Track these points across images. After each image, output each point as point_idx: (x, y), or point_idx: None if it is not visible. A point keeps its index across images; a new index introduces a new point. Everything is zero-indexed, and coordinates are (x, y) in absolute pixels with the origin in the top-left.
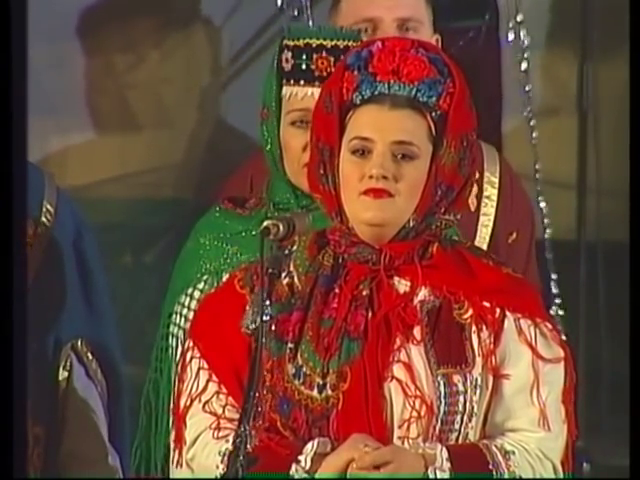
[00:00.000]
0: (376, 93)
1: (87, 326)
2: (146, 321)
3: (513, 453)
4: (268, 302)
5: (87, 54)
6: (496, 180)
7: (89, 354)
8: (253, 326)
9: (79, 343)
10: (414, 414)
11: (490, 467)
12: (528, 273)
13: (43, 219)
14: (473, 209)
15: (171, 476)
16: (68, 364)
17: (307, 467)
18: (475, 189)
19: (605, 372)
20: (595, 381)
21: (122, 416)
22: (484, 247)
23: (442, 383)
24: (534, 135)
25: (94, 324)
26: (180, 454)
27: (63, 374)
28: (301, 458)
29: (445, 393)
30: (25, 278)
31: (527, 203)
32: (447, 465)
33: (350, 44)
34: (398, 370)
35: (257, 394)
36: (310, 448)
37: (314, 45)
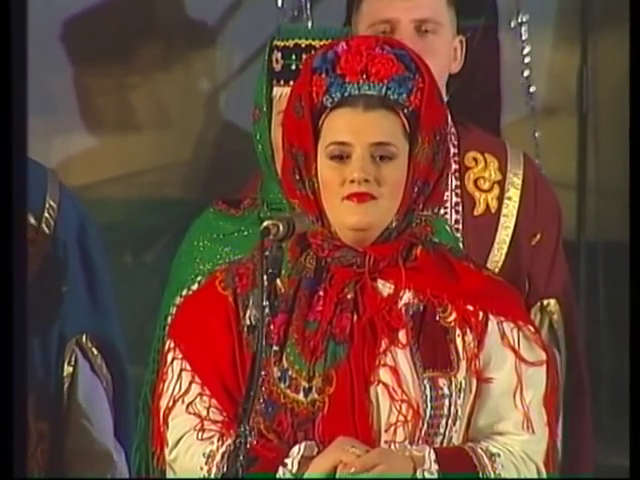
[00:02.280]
0: (346, 95)
1: (92, 321)
2: (146, 321)
3: (498, 455)
4: (267, 302)
5: (87, 55)
6: (519, 181)
7: (94, 349)
8: (254, 325)
9: (84, 338)
10: (400, 418)
11: (477, 469)
12: (554, 275)
13: (46, 215)
14: (494, 211)
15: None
16: (73, 359)
17: (294, 470)
18: (496, 191)
19: (605, 372)
20: (595, 381)
21: (128, 411)
22: (504, 248)
23: (428, 387)
24: (535, 135)
25: (99, 319)
26: (159, 455)
27: (68, 369)
28: (288, 461)
29: (431, 397)
30: (25, 276)
31: (554, 205)
32: (435, 467)
33: None
34: (384, 374)
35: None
36: (297, 451)
37: (303, 45)
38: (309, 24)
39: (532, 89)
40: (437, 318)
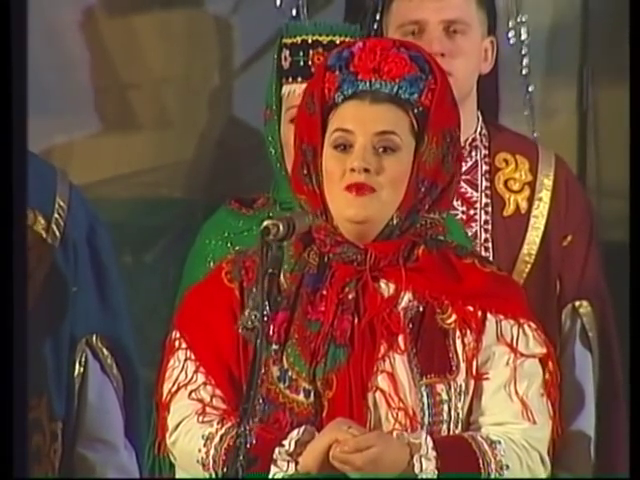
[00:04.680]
0: (357, 91)
1: (102, 321)
2: (146, 321)
3: (499, 443)
4: (267, 303)
5: (88, 53)
6: (550, 182)
7: (104, 349)
8: (250, 325)
9: (94, 338)
10: (397, 426)
11: (477, 455)
12: (586, 276)
13: (56, 216)
14: (523, 212)
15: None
16: (83, 360)
17: (290, 450)
18: (527, 192)
19: None
20: None
21: (139, 411)
22: (534, 249)
23: (425, 394)
24: (534, 135)
25: (109, 319)
26: (161, 442)
27: (79, 370)
28: (285, 442)
29: (428, 404)
30: (25, 276)
31: (585, 206)
32: (433, 453)
33: (347, 39)
34: (382, 381)
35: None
36: (295, 434)
37: (310, 41)
38: (306, 23)
39: (531, 89)
40: (437, 320)
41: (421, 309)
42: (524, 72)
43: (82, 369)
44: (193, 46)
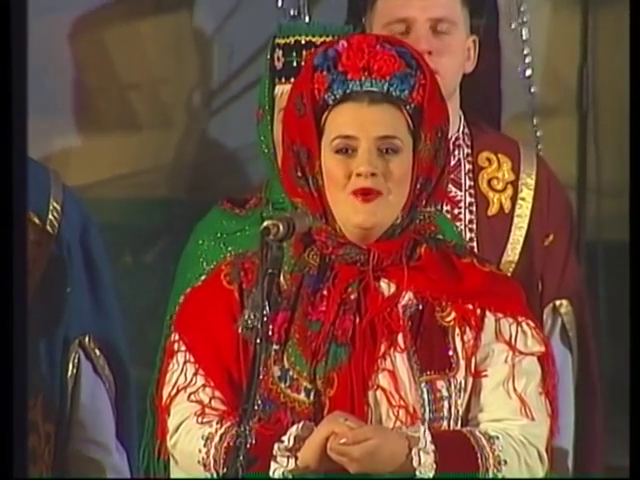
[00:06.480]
0: (349, 91)
1: (94, 322)
2: (145, 321)
3: (497, 438)
4: (267, 303)
5: (86, 54)
6: (532, 182)
7: (96, 350)
8: (250, 325)
9: (86, 339)
10: (398, 424)
11: (475, 450)
12: (566, 276)
13: (50, 217)
14: (507, 211)
15: (171, 476)
16: (76, 360)
17: (290, 446)
18: (510, 191)
19: (605, 372)
20: None
21: (130, 412)
22: (518, 249)
23: (425, 390)
24: (536, 135)
25: (101, 320)
26: (162, 445)
27: (72, 371)
28: (284, 438)
29: (429, 400)
30: (25, 277)
31: (566, 205)
32: (431, 447)
33: None
34: (383, 379)
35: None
36: (294, 429)
37: (303, 42)
38: (304, 24)
39: (533, 89)
40: (436, 318)
41: (420, 307)
42: (526, 73)
43: (75, 370)
44: (193, 46)
